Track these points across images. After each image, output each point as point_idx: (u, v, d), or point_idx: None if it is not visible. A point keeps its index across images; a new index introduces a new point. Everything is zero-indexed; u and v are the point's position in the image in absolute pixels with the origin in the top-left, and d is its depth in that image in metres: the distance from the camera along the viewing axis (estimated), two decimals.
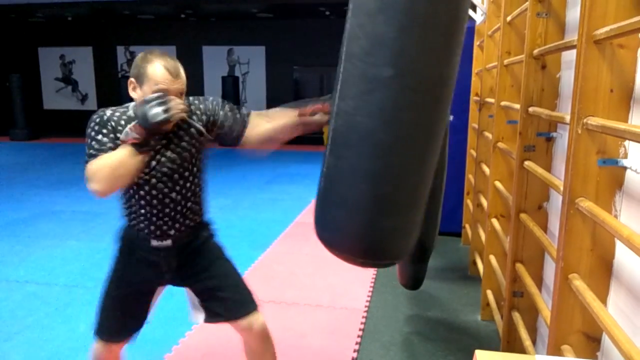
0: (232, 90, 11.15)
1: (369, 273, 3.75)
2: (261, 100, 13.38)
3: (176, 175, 1.68)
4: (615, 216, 1.44)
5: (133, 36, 13.69)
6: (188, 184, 1.72)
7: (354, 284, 3.56)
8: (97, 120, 1.61)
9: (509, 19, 2.68)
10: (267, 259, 4.07)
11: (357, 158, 1.34)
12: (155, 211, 1.69)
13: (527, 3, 2.19)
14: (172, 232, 1.72)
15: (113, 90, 12.89)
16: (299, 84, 13.28)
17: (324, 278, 3.69)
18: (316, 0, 10.14)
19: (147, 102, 1.53)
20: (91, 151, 1.57)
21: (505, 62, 2.72)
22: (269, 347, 1.87)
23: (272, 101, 13.25)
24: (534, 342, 2.25)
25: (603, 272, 1.47)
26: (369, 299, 3.33)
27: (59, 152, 10.17)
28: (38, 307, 3.15)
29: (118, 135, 1.59)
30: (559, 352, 1.51)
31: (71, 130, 13.48)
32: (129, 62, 13.92)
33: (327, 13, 11.67)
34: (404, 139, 1.33)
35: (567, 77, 2.08)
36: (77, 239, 4.51)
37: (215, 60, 13.28)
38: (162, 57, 1.62)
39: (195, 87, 13.44)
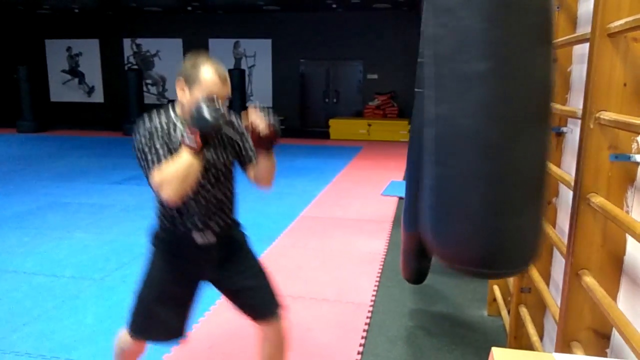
0: (238, 83, 11.14)
1: (375, 267, 3.74)
2: (267, 93, 13.37)
3: (222, 177, 1.79)
4: (627, 212, 1.42)
5: (139, 28, 13.69)
6: (228, 184, 1.84)
7: (360, 278, 3.56)
8: (147, 129, 1.65)
9: None
10: (273, 252, 4.08)
11: (467, 163, 1.25)
12: (202, 209, 1.76)
13: None
14: (216, 228, 1.80)
15: (119, 82, 12.91)
16: (305, 77, 13.25)
17: (329, 272, 3.69)
18: None
19: (203, 107, 1.56)
20: (150, 162, 1.61)
21: None
22: (286, 346, 1.95)
23: (278, 94, 13.26)
24: (541, 338, 2.24)
25: (614, 268, 1.46)
26: (375, 293, 3.33)
27: (65, 144, 10.22)
28: (45, 298, 3.17)
29: (170, 142, 1.65)
30: (568, 349, 1.50)
31: (78, 123, 13.56)
32: (135, 54, 13.94)
33: (334, 6, 11.61)
34: (511, 132, 1.23)
35: (579, 71, 2.05)
36: (84, 231, 4.53)
37: (221, 53, 13.25)
38: (212, 62, 1.68)
39: None
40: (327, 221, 4.99)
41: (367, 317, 2.99)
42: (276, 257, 3.96)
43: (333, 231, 4.67)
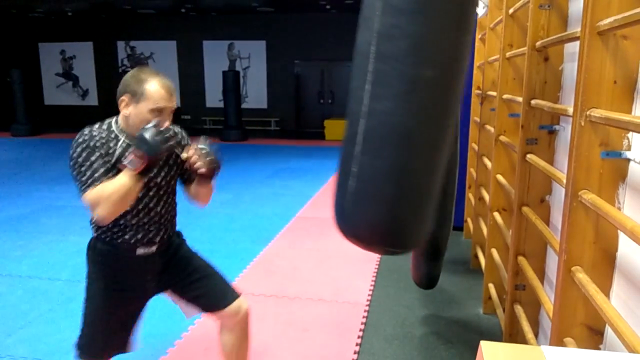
0: (233, 85, 11.12)
1: (371, 267, 3.75)
2: (262, 95, 13.36)
3: (164, 194, 1.79)
4: (619, 208, 1.44)
5: (133, 31, 13.66)
6: (170, 201, 1.83)
7: (356, 278, 3.57)
8: (84, 144, 1.61)
9: (511, 11, 2.67)
10: (269, 253, 4.08)
11: (397, 157, 1.35)
12: (142, 222, 1.74)
13: None
14: (157, 239, 1.79)
15: (114, 85, 12.55)
16: (300, 78, 13.25)
17: (325, 272, 3.69)
18: None
19: (149, 131, 1.54)
20: (85, 178, 1.57)
21: (508, 54, 2.71)
22: (248, 334, 1.95)
23: (273, 95, 13.25)
24: (536, 334, 2.25)
25: (606, 265, 1.47)
26: (371, 292, 3.34)
27: (59, 148, 10.17)
28: (41, 302, 3.16)
29: (108, 156, 1.62)
30: (561, 345, 1.51)
31: (72, 126, 13.44)
32: (130, 57, 13.89)
33: (328, 7, 11.63)
34: (441, 137, 1.39)
35: (570, 69, 2.07)
36: (79, 234, 4.51)
37: (215, 55, 13.25)
38: (157, 75, 1.66)
39: (196, 82, 13.42)
40: (322, 222, 4.99)
41: (364, 317, 2.99)
42: (272, 258, 3.95)
43: (329, 231, 4.66)
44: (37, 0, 10.90)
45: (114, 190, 1.53)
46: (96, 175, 1.57)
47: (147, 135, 1.53)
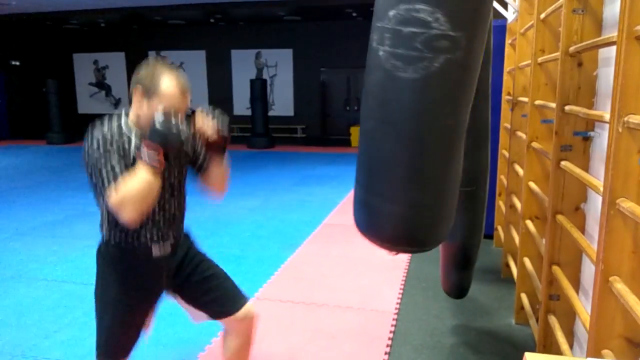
0: (260, 93, 11.23)
1: (399, 275, 3.72)
2: (289, 102, 13.45)
3: (175, 189, 1.76)
4: None
5: (164, 41, 13.95)
6: (181, 196, 1.80)
7: (383, 286, 3.54)
8: (100, 141, 1.57)
9: (542, 16, 2.63)
10: (297, 260, 4.09)
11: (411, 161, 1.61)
12: (158, 220, 1.72)
13: (563, 0, 2.14)
14: (171, 239, 1.77)
15: None
16: (326, 86, 13.30)
17: (353, 279, 3.68)
18: (342, 1, 10.14)
19: (164, 124, 1.52)
20: (106, 179, 1.53)
21: (540, 60, 2.67)
22: (252, 340, 1.95)
23: (300, 103, 13.32)
24: (571, 346, 2.20)
25: None
26: (399, 300, 3.31)
27: None
28: (75, 305, 3.24)
29: (125, 157, 1.58)
30: (599, 357, 1.47)
31: None
32: None
33: (354, 15, 11.65)
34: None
35: (605, 75, 2.02)
36: None
37: (243, 64, 13.41)
38: (173, 71, 1.62)
39: (224, 90, 13.61)
40: (349, 228, 4.95)
41: (392, 325, 2.97)
42: (299, 265, 3.96)
43: (356, 238, 4.63)
44: (71, 12, 11.26)
45: (136, 188, 1.49)
46: (118, 176, 1.53)
47: (159, 125, 1.51)
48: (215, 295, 1.86)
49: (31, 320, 3.04)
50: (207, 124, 1.68)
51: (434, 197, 1.57)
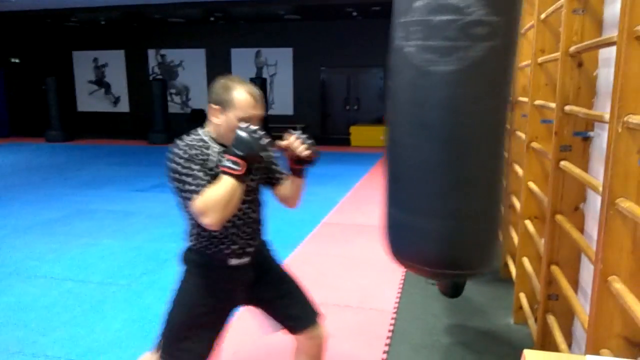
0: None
1: (398, 274, 3.72)
2: (288, 101, 13.46)
3: (254, 197, 1.80)
4: None
5: (164, 39, 13.95)
6: (259, 205, 1.84)
7: (382, 285, 3.55)
8: (184, 154, 1.62)
9: (543, 16, 2.63)
10: (296, 259, 4.09)
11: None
12: (239, 231, 1.75)
13: (563, 0, 2.14)
14: (251, 249, 1.79)
15: (144, 92, 13.15)
16: (326, 85, 13.30)
17: (352, 279, 3.68)
18: (343, 1, 10.15)
19: (246, 133, 1.55)
20: (190, 187, 1.57)
21: (540, 60, 2.67)
22: (323, 357, 1.97)
23: (299, 102, 13.32)
24: (569, 345, 2.20)
25: None
26: (398, 300, 3.31)
27: (92, 153, 10.44)
28: (74, 303, 3.24)
29: (207, 167, 1.63)
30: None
31: (104, 132, 13.83)
32: (160, 64, 14.18)
33: (354, 14, 11.66)
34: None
35: (605, 75, 2.03)
36: (111, 237, 4.62)
37: (243, 62, 13.41)
38: (245, 83, 1.68)
39: None
40: (349, 228, 4.98)
41: (391, 325, 2.97)
42: (299, 264, 3.96)
43: (355, 237, 4.66)
44: (71, 10, 11.25)
45: (221, 194, 1.53)
46: (201, 183, 1.57)
47: (244, 135, 1.55)
48: (289, 310, 1.89)
49: (30, 317, 3.04)
50: (299, 143, 1.73)
51: (481, 207, 1.41)
